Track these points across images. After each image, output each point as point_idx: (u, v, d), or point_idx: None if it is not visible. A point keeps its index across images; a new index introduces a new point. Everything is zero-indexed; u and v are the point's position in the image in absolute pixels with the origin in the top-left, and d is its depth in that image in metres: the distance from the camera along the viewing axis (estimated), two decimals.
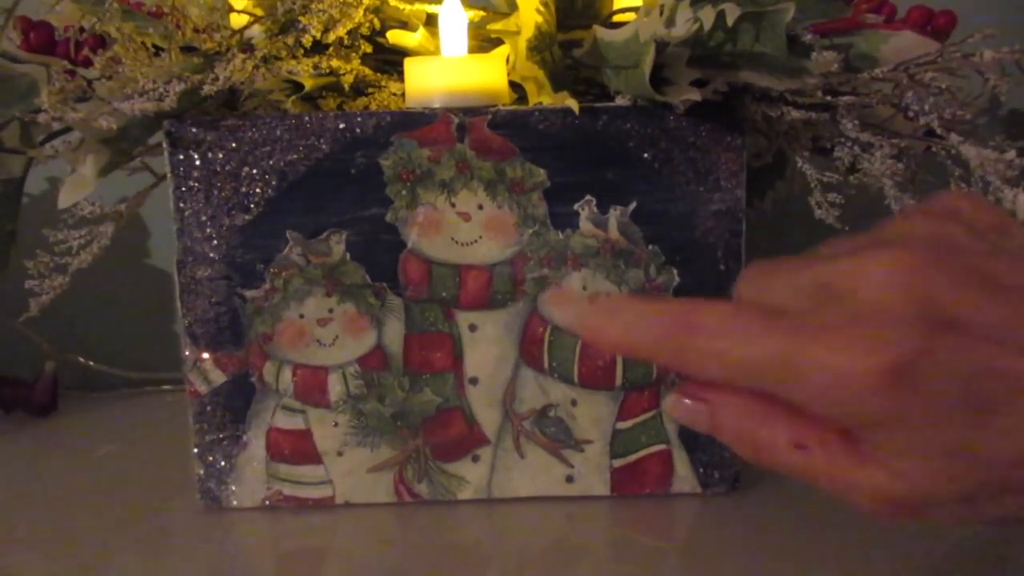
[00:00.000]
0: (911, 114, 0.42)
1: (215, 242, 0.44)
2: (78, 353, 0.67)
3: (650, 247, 0.44)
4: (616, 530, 0.45)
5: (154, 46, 0.44)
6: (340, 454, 0.46)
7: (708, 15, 0.38)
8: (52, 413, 0.64)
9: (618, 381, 0.45)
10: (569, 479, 0.46)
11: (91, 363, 0.67)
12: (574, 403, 0.46)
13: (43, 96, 0.41)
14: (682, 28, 0.38)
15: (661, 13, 0.40)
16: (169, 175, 0.43)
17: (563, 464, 0.46)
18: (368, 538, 0.44)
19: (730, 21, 0.38)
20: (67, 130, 0.46)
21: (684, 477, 0.46)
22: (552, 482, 0.46)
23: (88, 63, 0.45)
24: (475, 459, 0.46)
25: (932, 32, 0.49)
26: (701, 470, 0.46)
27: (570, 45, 0.47)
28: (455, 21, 0.45)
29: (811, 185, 0.43)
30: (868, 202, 0.48)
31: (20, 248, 0.49)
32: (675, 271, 0.44)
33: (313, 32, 0.44)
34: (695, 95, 0.39)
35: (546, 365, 0.45)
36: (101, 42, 0.45)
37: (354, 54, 0.46)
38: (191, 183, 0.43)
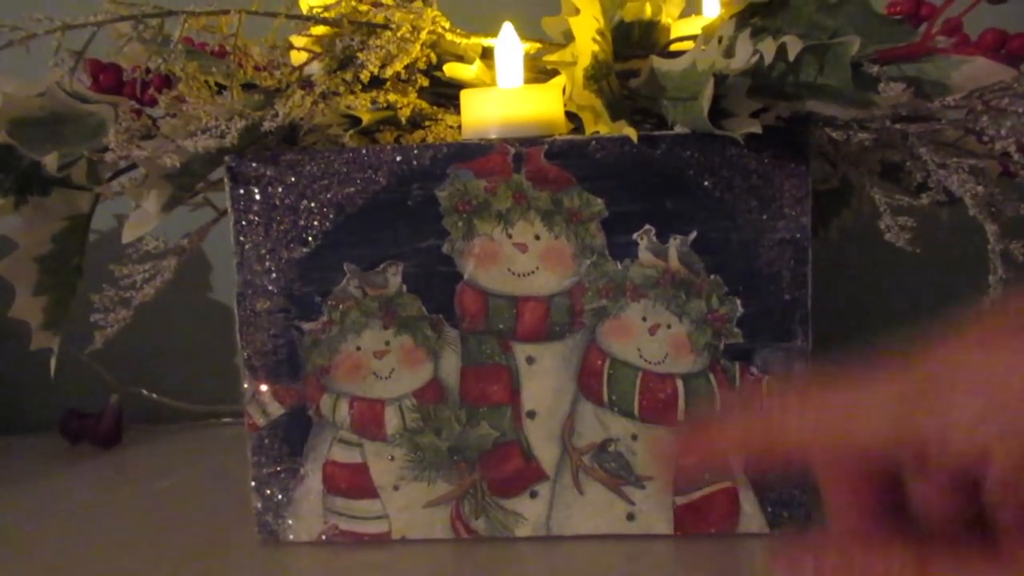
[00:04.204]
0: (986, 138, 0.41)
1: (274, 275, 0.44)
2: (142, 386, 0.68)
3: (712, 277, 0.43)
4: (680, 571, 0.43)
5: (216, 84, 0.45)
6: (396, 488, 0.46)
7: (769, 47, 0.37)
8: (116, 445, 0.65)
9: (680, 416, 0.44)
10: (630, 517, 0.45)
11: (154, 396, 0.69)
12: (635, 438, 0.44)
13: (110, 135, 0.42)
14: (741, 60, 0.37)
15: (720, 42, 0.39)
16: (230, 209, 0.44)
17: (624, 501, 0.45)
18: (424, 575, 0.44)
19: (792, 56, 0.37)
20: (133, 167, 0.47)
21: (751, 516, 0.45)
22: (612, 520, 0.45)
23: (154, 102, 0.46)
24: (533, 495, 0.45)
25: (1007, 56, 0.46)
26: (769, 509, 0.45)
27: (627, 75, 0.46)
28: (511, 52, 0.45)
29: (880, 209, 0.41)
30: (936, 223, 0.46)
31: (87, 282, 0.50)
32: (738, 301, 0.43)
33: (371, 68, 0.44)
34: (755, 127, 0.38)
35: (606, 398, 0.44)
36: (166, 82, 0.46)
37: (411, 88, 0.47)
38: (251, 217, 0.44)
